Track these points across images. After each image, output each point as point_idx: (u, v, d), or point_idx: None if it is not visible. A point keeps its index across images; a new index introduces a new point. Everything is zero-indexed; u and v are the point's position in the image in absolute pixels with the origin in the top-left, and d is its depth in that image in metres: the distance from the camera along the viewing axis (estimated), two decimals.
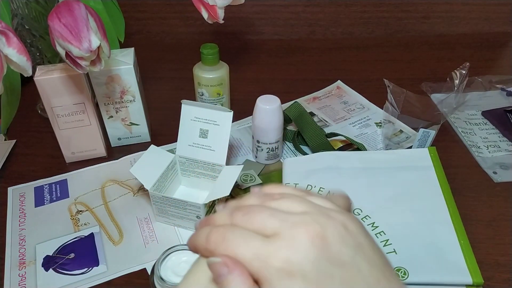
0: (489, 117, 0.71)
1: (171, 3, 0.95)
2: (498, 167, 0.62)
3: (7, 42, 0.43)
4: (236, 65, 0.86)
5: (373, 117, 0.72)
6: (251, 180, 0.60)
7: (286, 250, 0.22)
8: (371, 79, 0.83)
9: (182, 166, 0.58)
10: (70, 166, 0.64)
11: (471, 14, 0.96)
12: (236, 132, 0.69)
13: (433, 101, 0.70)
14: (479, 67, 0.84)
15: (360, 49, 0.95)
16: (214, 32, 0.98)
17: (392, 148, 0.64)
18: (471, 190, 0.58)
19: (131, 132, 0.66)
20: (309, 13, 0.96)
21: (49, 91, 0.56)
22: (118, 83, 0.60)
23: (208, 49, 0.63)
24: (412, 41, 0.96)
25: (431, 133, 0.60)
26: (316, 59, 0.91)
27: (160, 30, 0.99)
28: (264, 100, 0.58)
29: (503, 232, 0.52)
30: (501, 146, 0.66)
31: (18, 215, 0.56)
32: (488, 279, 0.46)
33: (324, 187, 0.54)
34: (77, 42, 0.45)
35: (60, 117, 0.59)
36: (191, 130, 0.56)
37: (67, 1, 0.46)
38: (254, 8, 0.95)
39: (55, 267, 0.49)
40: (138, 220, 0.55)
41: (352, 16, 0.96)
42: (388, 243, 0.47)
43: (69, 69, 0.55)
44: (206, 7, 0.58)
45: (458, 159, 0.64)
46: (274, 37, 0.99)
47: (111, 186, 0.60)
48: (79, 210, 0.57)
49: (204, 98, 0.67)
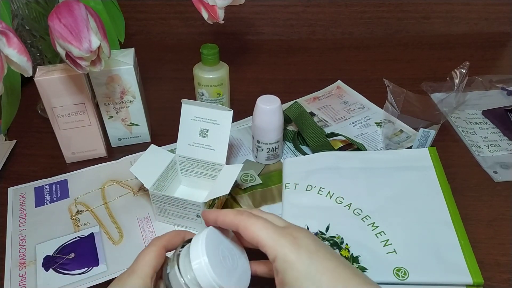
0: (489, 116, 0.71)
1: (171, 4, 0.95)
2: (498, 166, 0.62)
3: (8, 42, 0.43)
4: (236, 65, 0.86)
5: (373, 117, 0.72)
6: (251, 180, 0.60)
7: (297, 233, 0.34)
8: (371, 79, 0.83)
9: (182, 166, 0.58)
10: (70, 166, 0.64)
11: (471, 14, 0.96)
12: (236, 132, 0.69)
13: (433, 100, 0.70)
14: (479, 67, 0.84)
15: (360, 49, 0.95)
16: (214, 33, 0.98)
17: (392, 148, 0.64)
18: (472, 190, 0.58)
19: (131, 132, 0.66)
20: (309, 13, 0.96)
21: (49, 91, 0.56)
22: (118, 83, 0.60)
23: (208, 50, 0.63)
24: (412, 41, 0.96)
25: (431, 133, 0.60)
26: (316, 59, 0.91)
27: (160, 31, 0.99)
28: (264, 100, 0.58)
29: (504, 232, 0.52)
30: (501, 145, 0.66)
31: (18, 215, 0.56)
32: (488, 279, 0.46)
33: (324, 187, 0.54)
34: (77, 42, 0.45)
35: (60, 117, 0.59)
36: (191, 129, 0.56)
37: (67, 2, 0.46)
38: (254, 8, 0.95)
39: (55, 267, 0.49)
40: (138, 220, 0.55)
41: (352, 16, 0.96)
42: (388, 243, 0.47)
43: (69, 70, 0.55)
44: (206, 7, 0.58)
45: (459, 158, 0.64)
46: (274, 37, 0.99)
47: (111, 186, 0.60)
48: (79, 210, 0.57)
49: (204, 98, 0.67)
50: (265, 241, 0.33)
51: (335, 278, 0.31)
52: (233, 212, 0.36)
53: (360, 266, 0.46)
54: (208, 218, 0.38)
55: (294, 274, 0.32)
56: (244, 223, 0.34)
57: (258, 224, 0.34)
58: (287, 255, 0.32)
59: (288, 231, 0.34)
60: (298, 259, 0.32)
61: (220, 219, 0.36)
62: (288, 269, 0.32)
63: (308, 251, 0.32)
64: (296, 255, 0.32)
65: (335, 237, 0.48)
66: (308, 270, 0.31)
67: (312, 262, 0.32)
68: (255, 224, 0.34)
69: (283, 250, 0.32)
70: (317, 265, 0.32)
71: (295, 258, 0.32)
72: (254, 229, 0.34)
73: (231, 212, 0.36)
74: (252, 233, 0.34)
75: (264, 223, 0.34)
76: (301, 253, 0.32)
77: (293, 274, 0.32)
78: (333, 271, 0.32)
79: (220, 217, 0.36)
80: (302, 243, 0.33)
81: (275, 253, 0.32)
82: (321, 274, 0.31)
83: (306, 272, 0.31)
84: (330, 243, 0.48)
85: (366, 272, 0.45)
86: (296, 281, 0.31)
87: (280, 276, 0.33)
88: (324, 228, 0.49)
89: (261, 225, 0.34)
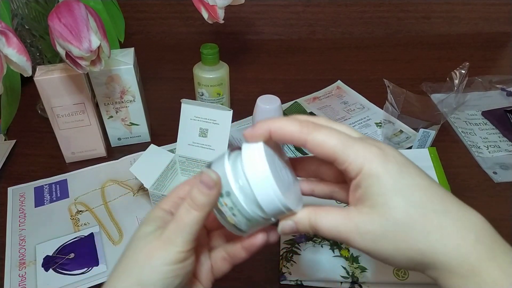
0: (489, 117, 0.71)
1: (171, 3, 0.95)
2: (498, 167, 0.62)
3: (7, 42, 0.43)
4: (236, 65, 0.86)
5: (373, 117, 0.72)
6: None
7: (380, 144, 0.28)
8: (371, 79, 0.83)
9: (182, 166, 0.58)
10: (70, 166, 0.64)
11: (471, 14, 0.96)
12: (236, 132, 0.69)
13: (433, 101, 0.70)
14: (479, 67, 0.84)
15: (360, 49, 0.95)
16: (214, 32, 0.98)
17: None
18: (471, 190, 0.58)
19: (131, 132, 0.66)
20: (309, 13, 0.96)
21: (49, 91, 0.56)
22: (118, 83, 0.60)
23: (208, 49, 0.63)
24: (412, 41, 0.96)
25: (431, 133, 0.60)
26: (316, 59, 0.91)
27: (160, 30, 0.99)
28: (264, 100, 0.58)
29: (503, 232, 0.52)
30: (501, 146, 0.66)
31: (18, 215, 0.56)
32: None
33: None
34: (77, 42, 0.45)
35: (60, 117, 0.59)
36: (190, 129, 0.56)
37: (67, 1, 0.46)
38: (254, 8, 0.95)
39: (55, 267, 0.49)
40: (138, 220, 0.55)
41: (352, 16, 0.96)
42: None
43: (69, 69, 0.55)
44: (206, 7, 0.58)
45: (458, 159, 0.64)
46: (274, 37, 0.99)
47: (111, 186, 0.60)
48: (79, 210, 0.57)
49: (204, 98, 0.67)
50: (345, 155, 0.27)
51: (430, 195, 0.27)
52: (293, 122, 0.29)
53: (360, 266, 0.46)
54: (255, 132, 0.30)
55: (381, 189, 0.27)
56: (314, 136, 0.28)
57: (333, 136, 0.28)
58: (374, 168, 0.27)
59: (370, 142, 0.28)
60: (387, 172, 0.27)
61: (278, 132, 0.29)
62: (374, 183, 0.27)
63: (397, 163, 0.27)
64: (384, 168, 0.27)
65: None
66: (398, 184, 0.27)
67: (403, 176, 0.27)
68: (330, 136, 0.28)
69: (369, 163, 0.27)
70: (408, 179, 0.27)
71: (383, 171, 0.27)
72: (330, 142, 0.28)
73: (290, 123, 0.29)
74: (328, 147, 0.28)
75: (339, 135, 0.28)
76: (389, 165, 0.27)
77: (380, 189, 0.27)
78: (427, 189, 0.27)
79: (277, 129, 0.29)
80: (389, 154, 0.28)
81: (359, 167, 0.27)
82: (413, 189, 0.27)
83: (396, 187, 0.27)
84: (330, 242, 0.48)
85: (366, 272, 0.45)
86: (383, 196, 0.27)
87: (361, 191, 0.28)
88: None
89: (336, 137, 0.28)
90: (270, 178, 0.28)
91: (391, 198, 0.27)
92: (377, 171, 0.27)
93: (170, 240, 0.30)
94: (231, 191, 0.29)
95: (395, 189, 0.27)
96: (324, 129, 0.28)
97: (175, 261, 0.29)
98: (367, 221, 0.27)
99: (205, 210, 0.30)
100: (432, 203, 0.27)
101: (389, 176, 0.27)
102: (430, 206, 0.27)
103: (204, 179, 0.29)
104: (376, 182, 0.27)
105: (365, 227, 0.27)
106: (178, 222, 0.30)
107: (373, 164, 0.27)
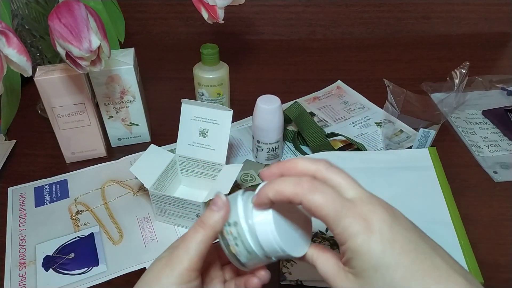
0: (489, 116, 0.71)
1: (171, 3, 0.95)
2: (498, 166, 0.62)
3: (7, 42, 0.43)
4: (236, 65, 0.86)
5: (373, 117, 0.72)
6: (251, 180, 0.60)
7: (370, 213, 0.29)
8: (371, 79, 0.83)
9: (182, 166, 0.58)
10: (70, 166, 0.64)
11: (471, 14, 0.96)
12: (236, 132, 0.69)
13: (433, 100, 0.70)
14: (479, 67, 0.84)
15: (360, 49, 0.95)
16: (214, 32, 0.98)
17: (392, 148, 0.64)
18: (471, 190, 0.58)
19: (131, 132, 0.66)
20: (309, 13, 0.96)
21: (49, 91, 0.56)
22: (118, 83, 0.60)
23: (208, 49, 0.63)
24: (412, 41, 0.96)
25: (431, 133, 0.60)
26: (316, 59, 0.91)
27: (160, 30, 0.99)
28: (264, 100, 0.58)
29: (504, 232, 0.52)
30: (501, 145, 0.66)
31: (18, 215, 0.56)
32: (489, 279, 0.46)
33: None
34: (77, 42, 0.45)
35: (60, 117, 0.59)
36: (191, 129, 0.56)
37: (67, 1, 0.46)
38: (254, 8, 0.95)
39: (55, 267, 0.49)
40: (138, 219, 0.55)
41: (352, 16, 0.96)
42: None
43: (69, 69, 0.55)
44: (206, 7, 0.58)
45: (459, 158, 0.64)
46: (274, 37, 0.99)
47: (111, 186, 0.60)
48: (79, 210, 0.57)
49: (204, 98, 0.67)
50: (335, 225, 0.29)
51: (409, 274, 0.28)
52: (289, 184, 0.31)
53: None
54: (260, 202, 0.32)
55: (363, 265, 0.29)
56: (309, 199, 0.30)
57: (326, 202, 0.29)
58: (358, 245, 0.28)
59: (359, 211, 0.29)
60: (369, 251, 0.28)
61: (277, 197, 0.31)
62: (356, 258, 0.29)
63: (382, 241, 0.28)
64: (367, 246, 0.28)
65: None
66: (379, 263, 0.28)
67: (385, 255, 0.28)
68: (322, 202, 0.29)
69: (353, 238, 0.28)
70: (391, 259, 0.28)
71: (366, 249, 0.28)
72: (321, 211, 0.29)
73: (286, 185, 0.31)
74: (319, 215, 0.30)
75: (332, 202, 0.29)
76: (372, 244, 0.28)
77: (362, 264, 0.29)
78: (408, 267, 0.28)
79: (275, 194, 0.31)
80: (375, 229, 0.28)
81: (346, 239, 0.29)
82: (394, 270, 0.28)
83: (377, 265, 0.28)
84: (330, 243, 0.48)
85: None
86: (365, 272, 0.29)
87: (347, 258, 0.30)
88: (324, 228, 0.49)
89: (329, 204, 0.29)
90: (272, 225, 0.31)
91: (371, 275, 0.29)
92: (361, 249, 0.28)
93: (177, 258, 0.32)
94: (238, 221, 0.32)
95: (375, 267, 0.28)
96: (318, 192, 0.30)
97: (181, 280, 0.31)
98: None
99: (212, 230, 0.32)
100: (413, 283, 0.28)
101: (370, 256, 0.28)
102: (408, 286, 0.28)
103: (215, 200, 0.33)
104: (358, 258, 0.29)
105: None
106: (186, 241, 0.33)
107: (357, 241, 0.28)
